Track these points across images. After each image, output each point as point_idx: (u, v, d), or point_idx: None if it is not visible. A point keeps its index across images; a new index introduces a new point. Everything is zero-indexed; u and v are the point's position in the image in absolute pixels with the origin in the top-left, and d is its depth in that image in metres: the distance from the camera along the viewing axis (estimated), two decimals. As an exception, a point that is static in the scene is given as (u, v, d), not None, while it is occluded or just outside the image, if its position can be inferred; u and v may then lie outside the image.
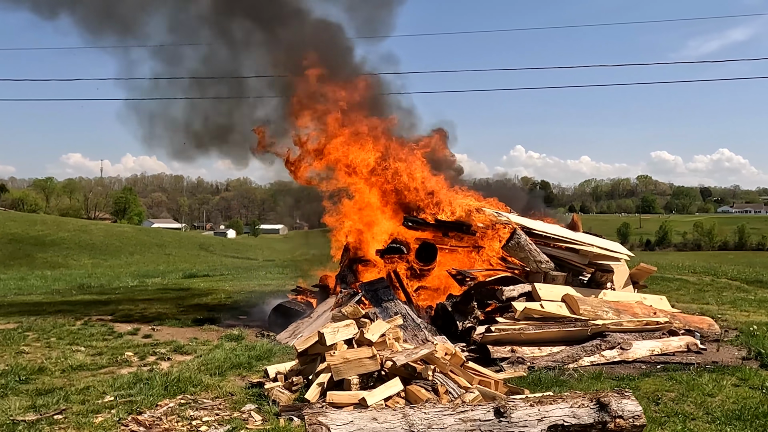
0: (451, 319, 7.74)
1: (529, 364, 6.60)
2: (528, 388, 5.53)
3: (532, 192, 16.86)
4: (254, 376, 6.20)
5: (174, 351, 7.57)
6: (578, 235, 9.50)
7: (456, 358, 5.59)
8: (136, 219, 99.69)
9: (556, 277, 8.43)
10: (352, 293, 8.40)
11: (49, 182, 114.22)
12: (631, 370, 6.53)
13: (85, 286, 16.62)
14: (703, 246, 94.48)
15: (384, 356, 5.20)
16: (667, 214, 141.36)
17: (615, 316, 7.67)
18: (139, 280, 18.53)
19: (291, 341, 7.76)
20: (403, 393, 4.89)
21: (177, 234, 72.87)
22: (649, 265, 10.00)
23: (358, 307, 6.11)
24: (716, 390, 5.57)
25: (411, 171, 9.63)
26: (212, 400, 5.40)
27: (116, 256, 43.94)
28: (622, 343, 7.08)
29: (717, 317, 9.41)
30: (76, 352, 7.52)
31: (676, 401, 5.31)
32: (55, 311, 10.96)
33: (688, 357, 7.06)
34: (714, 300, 11.78)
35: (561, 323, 7.33)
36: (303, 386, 5.44)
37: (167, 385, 5.65)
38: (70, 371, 6.51)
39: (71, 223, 57.63)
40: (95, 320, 9.89)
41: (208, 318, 9.96)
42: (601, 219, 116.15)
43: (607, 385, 5.79)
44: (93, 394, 5.54)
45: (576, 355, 6.85)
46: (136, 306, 11.76)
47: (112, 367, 6.75)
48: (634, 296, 8.86)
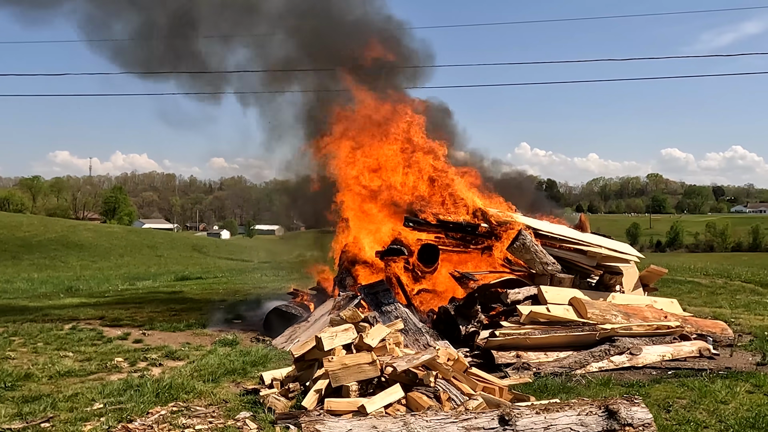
0: (453, 323, 7.75)
1: (535, 370, 6.61)
2: (534, 395, 5.53)
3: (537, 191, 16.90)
4: (249, 382, 6.20)
5: (166, 356, 7.57)
6: (586, 236, 9.51)
7: (459, 363, 5.59)
8: (126, 219, 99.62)
9: (563, 280, 8.43)
10: (350, 296, 8.40)
11: (36, 181, 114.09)
12: (641, 376, 6.53)
13: (73, 289, 16.62)
14: (715, 247, 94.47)
15: (384, 362, 5.21)
16: (679, 214, 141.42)
17: (624, 320, 7.67)
18: (130, 282, 18.53)
19: (287, 346, 7.76)
20: (404, 400, 4.89)
21: (169, 235, 72.82)
22: (659, 267, 10.00)
23: (357, 310, 6.12)
24: (729, 397, 5.57)
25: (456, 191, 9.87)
26: (206, 407, 5.39)
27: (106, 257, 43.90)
28: (632, 348, 7.08)
29: (730, 321, 9.41)
30: (64, 357, 7.52)
31: (688, 408, 5.31)
32: (42, 315, 10.95)
33: (701, 362, 7.07)
34: (727, 303, 11.78)
35: (568, 327, 7.34)
36: (300, 393, 5.44)
37: (159, 392, 5.64)
38: (58, 377, 6.52)
39: (59, 224, 57.57)
40: (84, 324, 9.90)
41: (201, 322, 9.96)
42: (609, 219, 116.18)
43: (616, 392, 5.80)
44: (81, 401, 5.54)
45: (584, 360, 6.85)
46: (127, 310, 11.75)
47: (102, 374, 6.75)
48: (645, 299, 8.87)
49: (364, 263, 9.70)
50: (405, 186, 9.87)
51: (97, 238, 52.65)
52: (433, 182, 9.84)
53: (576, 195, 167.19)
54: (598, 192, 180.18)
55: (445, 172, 9.95)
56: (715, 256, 64.23)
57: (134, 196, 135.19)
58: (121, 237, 55.13)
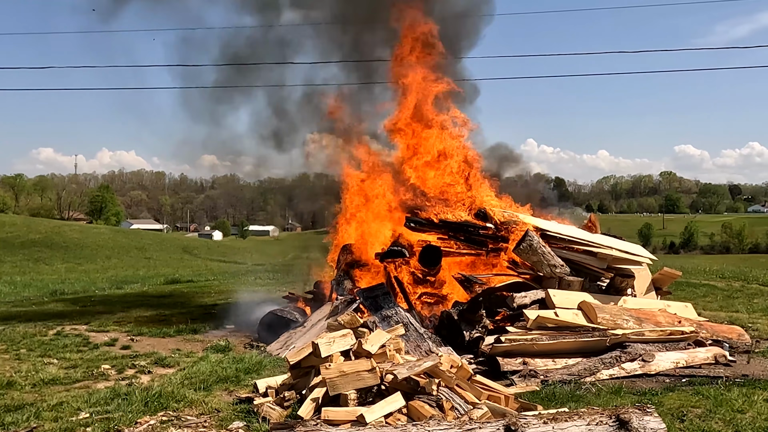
0: (457, 328, 7.75)
1: (543, 378, 6.61)
2: (541, 404, 5.54)
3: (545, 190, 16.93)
4: (242, 390, 6.21)
5: (155, 363, 7.58)
6: (596, 237, 9.50)
7: (462, 371, 5.59)
8: (113, 219, 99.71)
9: (572, 283, 8.43)
10: (349, 300, 8.41)
11: (19, 179, 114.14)
12: (653, 384, 6.54)
13: (57, 293, 16.61)
14: (732, 248, 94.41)
15: (384, 369, 5.21)
16: (693, 214, 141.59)
17: (636, 325, 7.67)
18: (117, 285, 18.53)
19: (283, 353, 7.77)
20: (405, 409, 4.89)
21: (158, 236, 72.88)
22: (673, 270, 10.01)
23: (356, 315, 6.12)
24: (747, 406, 5.58)
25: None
26: (197, 417, 5.40)
27: (92, 260, 43.90)
28: (644, 354, 7.08)
29: (747, 326, 9.41)
30: (48, 364, 7.52)
31: (703, 418, 5.32)
32: (25, 320, 10.96)
33: (716, 370, 7.07)
34: (744, 308, 11.78)
35: (577, 333, 7.34)
36: (296, 402, 5.44)
37: (147, 401, 5.65)
38: (42, 386, 6.52)
39: (43, 224, 57.62)
40: (69, 330, 9.89)
41: (192, 327, 9.97)
42: (620, 219, 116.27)
43: (627, 401, 5.80)
44: (66, 410, 5.54)
45: (593, 367, 6.86)
46: (114, 314, 11.76)
47: (88, 381, 6.75)
48: (657, 303, 8.87)
49: (363, 265, 9.70)
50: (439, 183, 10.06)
51: (83, 239, 52.67)
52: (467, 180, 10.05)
53: (585, 194, 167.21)
54: (608, 191, 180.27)
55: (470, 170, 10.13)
56: (731, 258, 64.27)
57: (122, 195, 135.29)
58: (108, 238, 55.15)
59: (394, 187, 10.03)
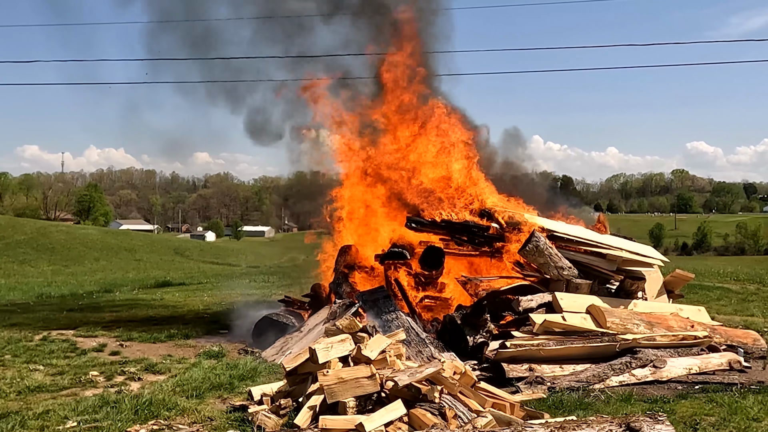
0: (460, 333, 7.75)
1: (550, 385, 6.61)
2: (548, 412, 5.54)
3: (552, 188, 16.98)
4: (237, 398, 6.21)
5: (145, 370, 7.58)
6: (605, 238, 9.51)
7: (466, 377, 5.59)
8: (101, 220, 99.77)
9: (580, 286, 8.44)
10: (348, 304, 8.40)
11: (3, 178, 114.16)
12: (665, 391, 6.54)
13: (44, 296, 16.64)
14: (747, 250, 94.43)
15: (384, 375, 5.21)
16: (707, 214, 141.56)
17: (647, 330, 7.67)
18: (106, 288, 18.54)
19: (278, 359, 7.77)
20: (406, 417, 4.89)
21: (148, 237, 72.89)
22: (685, 272, 10.01)
23: (355, 319, 6.11)
24: (762, 414, 5.57)
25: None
26: (189, 425, 5.40)
27: (79, 262, 43.96)
28: (655, 360, 7.08)
29: (763, 331, 9.42)
30: (34, 371, 7.51)
31: (717, 426, 5.32)
32: (9, 325, 10.96)
33: (731, 376, 7.07)
34: (760, 311, 11.79)
35: (585, 338, 7.34)
36: (292, 410, 5.44)
37: (138, 409, 5.64)
38: (27, 393, 6.51)
39: (28, 225, 57.63)
40: (55, 335, 9.90)
41: (184, 332, 9.97)
42: (631, 219, 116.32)
43: (638, 408, 5.79)
44: (53, 419, 5.54)
45: (603, 374, 6.86)
46: (102, 319, 11.76)
47: (75, 389, 6.75)
48: (669, 307, 8.87)
49: (362, 268, 9.70)
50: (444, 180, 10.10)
51: (70, 240, 52.70)
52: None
53: (594, 193, 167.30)
54: (618, 189, 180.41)
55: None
56: (746, 260, 64.16)
57: (110, 195, 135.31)
58: (97, 239, 55.18)
59: (393, 187, 10.03)
